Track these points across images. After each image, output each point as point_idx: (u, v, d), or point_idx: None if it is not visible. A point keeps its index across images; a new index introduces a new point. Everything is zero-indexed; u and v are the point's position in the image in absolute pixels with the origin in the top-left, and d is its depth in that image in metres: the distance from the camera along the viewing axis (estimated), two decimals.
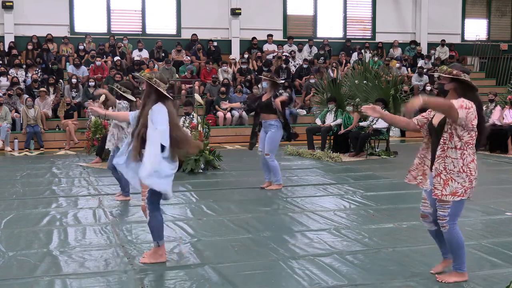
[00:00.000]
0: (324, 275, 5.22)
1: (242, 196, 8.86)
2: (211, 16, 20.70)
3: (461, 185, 4.78)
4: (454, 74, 4.87)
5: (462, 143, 4.77)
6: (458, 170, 4.77)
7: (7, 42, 18.69)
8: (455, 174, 4.78)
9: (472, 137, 4.80)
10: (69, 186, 9.80)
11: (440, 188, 4.82)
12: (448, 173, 4.80)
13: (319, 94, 15.20)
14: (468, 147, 4.79)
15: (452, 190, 4.79)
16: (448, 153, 4.80)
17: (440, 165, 4.83)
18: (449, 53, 22.52)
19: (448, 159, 4.80)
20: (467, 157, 4.78)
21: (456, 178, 4.78)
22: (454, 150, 4.78)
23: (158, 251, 5.61)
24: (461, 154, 4.78)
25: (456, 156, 4.78)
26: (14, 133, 15.45)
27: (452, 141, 4.79)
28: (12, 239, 6.44)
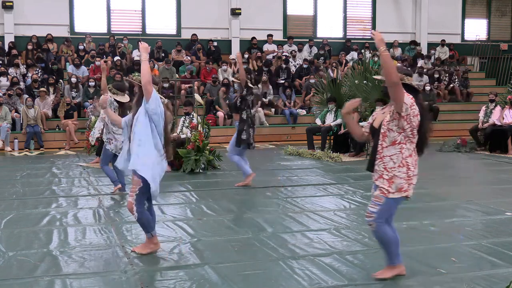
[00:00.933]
0: (324, 275, 5.23)
1: (242, 196, 8.86)
2: (211, 16, 20.70)
3: (404, 179, 4.82)
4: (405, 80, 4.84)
5: (402, 137, 4.79)
6: (398, 165, 4.80)
7: (7, 42, 18.68)
8: (396, 170, 4.81)
9: (413, 134, 4.81)
10: (69, 186, 9.81)
11: (386, 187, 4.84)
12: (389, 171, 4.82)
13: (319, 94, 15.20)
14: (408, 141, 4.81)
15: (398, 186, 4.83)
16: (385, 152, 4.83)
17: (379, 167, 4.86)
18: (449, 53, 22.52)
19: (386, 158, 4.82)
20: (405, 151, 4.81)
21: (398, 174, 4.81)
22: (391, 147, 4.80)
23: (152, 241, 5.84)
24: (400, 148, 4.80)
25: (394, 152, 4.80)
26: (14, 133, 15.45)
27: (388, 138, 4.81)
28: (12, 239, 6.44)
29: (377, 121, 4.99)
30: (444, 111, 19.50)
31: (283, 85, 18.75)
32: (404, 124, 4.75)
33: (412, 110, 4.72)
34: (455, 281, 5.06)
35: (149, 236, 5.85)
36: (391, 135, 4.81)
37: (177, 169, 11.10)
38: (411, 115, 4.72)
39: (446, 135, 17.21)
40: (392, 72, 4.63)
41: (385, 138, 4.83)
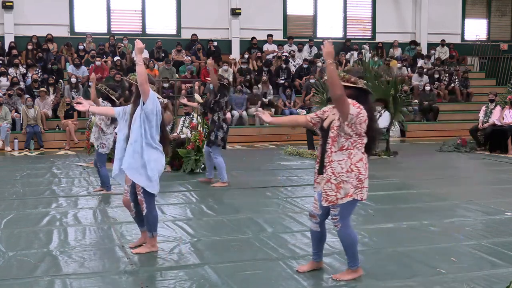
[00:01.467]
0: (324, 275, 5.22)
1: (242, 196, 8.86)
2: (211, 16, 20.69)
3: (351, 185, 4.79)
4: (352, 82, 4.84)
5: (349, 142, 4.78)
6: (346, 170, 4.78)
7: (7, 42, 18.68)
8: (344, 176, 4.78)
9: (361, 138, 4.81)
10: (69, 186, 9.80)
11: (333, 194, 4.81)
12: (337, 176, 4.79)
13: (319, 94, 15.19)
14: (356, 147, 4.80)
15: (346, 192, 4.80)
16: (333, 157, 4.80)
17: (327, 170, 4.82)
18: (449, 53, 22.52)
19: (334, 163, 4.80)
20: (354, 156, 4.80)
21: (347, 179, 4.78)
22: (340, 152, 4.79)
23: (152, 241, 5.87)
24: (348, 154, 4.79)
25: (342, 158, 4.79)
26: (14, 133, 15.45)
27: (337, 143, 4.79)
28: (12, 239, 6.44)
29: (327, 121, 4.95)
30: (444, 111, 19.50)
31: (283, 85, 18.76)
32: (349, 131, 4.76)
33: (359, 118, 4.73)
34: (455, 281, 5.06)
35: (150, 236, 5.87)
36: (340, 141, 4.79)
37: (177, 169, 11.09)
38: (357, 123, 4.74)
39: (446, 135, 17.24)
40: (336, 85, 4.61)
41: (334, 143, 4.80)
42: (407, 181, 10.09)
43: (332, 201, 4.83)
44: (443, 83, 20.67)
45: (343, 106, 4.67)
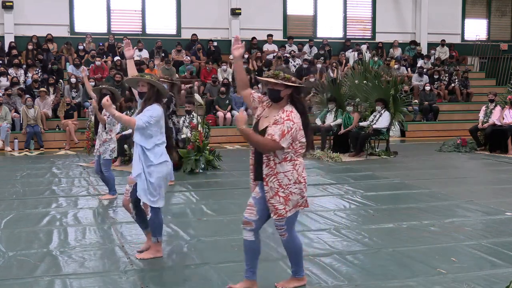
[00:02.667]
0: (324, 275, 5.23)
1: (242, 196, 8.84)
2: (211, 16, 20.70)
3: (300, 195, 4.62)
4: (293, 81, 4.58)
5: (292, 153, 4.56)
6: (294, 181, 4.57)
7: (7, 42, 18.68)
8: (293, 187, 4.57)
9: (302, 146, 4.61)
10: (69, 186, 9.80)
11: (282, 207, 4.58)
12: (285, 189, 4.56)
13: (319, 94, 15.19)
14: (298, 156, 4.61)
15: (294, 203, 4.61)
16: (278, 169, 4.55)
17: (274, 184, 4.56)
18: (449, 53, 22.52)
19: (280, 175, 4.55)
20: (299, 166, 4.60)
21: (295, 191, 4.58)
22: (284, 163, 4.54)
23: (156, 246, 5.72)
24: (293, 165, 4.57)
25: (288, 169, 4.55)
26: (14, 133, 15.45)
27: (279, 154, 4.53)
28: (12, 239, 6.44)
29: (261, 124, 4.64)
30: (444, 111, 19.50)
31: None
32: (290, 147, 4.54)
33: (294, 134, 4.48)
34: (455, 281, 5.06)
35: (154, 241, 5.73)
36: (280, 152, 4.53)
37: (177, 169, 11.09)
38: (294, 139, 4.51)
39: (446, 135, 17.23)
40: (260, 143, 4.45)
41: (277, 154, 4.54)
42: (407, 181, 10.09)
43: (282, 215, 4.59)
44: (443, 83, 20.68)
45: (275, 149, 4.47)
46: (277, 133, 4.43)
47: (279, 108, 4.59)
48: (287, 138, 4.46)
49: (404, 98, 14.22)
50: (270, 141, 4.44)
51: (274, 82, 4.54)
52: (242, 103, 17.57)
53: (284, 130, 4.44)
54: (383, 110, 13.39)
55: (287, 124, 4.46)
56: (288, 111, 4.53)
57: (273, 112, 4.61)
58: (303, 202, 4.67)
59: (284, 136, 4.44)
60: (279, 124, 4.47)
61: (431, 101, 19.11)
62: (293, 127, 4.48)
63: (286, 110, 4.54)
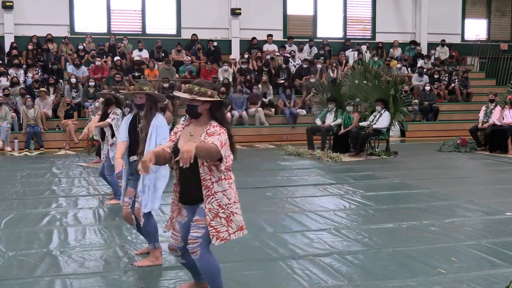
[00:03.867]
0: (324, 275, 5.23)
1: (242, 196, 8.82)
2: (211, 16, 20.70)
3: (241, 215, 4.36)
4: (209, 96, 4.29)
5: (224, 172, 4.26)
6: (234, 200, 4.31)
7: (8, 42, 18.67)
8: (233, 207, 4.30)
9: (232, 159, 4.34)
10: (69, 186, 9.80)
11: (224, 229, 4.26)
12: (225, 209, 4.27)
13: (319, 94, 15.20)
14: (230, 172, 4.34)
15: (239, 224, 4.33)
16: (215, 188, 4.25)
17: (213, 205, 4.24)
18: (449, 53, 22.52)
19: (218, 194, 4.25)
20: (233, 183, 4.35)
21: (236, 210, 4.31)
22: (221, 182, 4.26)
23: (154, 253, 5.62)
24: (229, 183, 4.30)
25: (225, 188, 4.27)
26: (14, 133, 15.45)
27: (215, 173, 4.24)
28: (12, 239, 6.44)
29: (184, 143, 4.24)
30: (444, 111, 19.51)
31: (283, 85, 18.76)
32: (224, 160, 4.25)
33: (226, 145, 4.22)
34: (455, 281, 5.06)
35: (151, 247, 5.62)
36: (215, 170, 4.24)
37: None
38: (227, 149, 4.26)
39: (446, 135, 17.22)
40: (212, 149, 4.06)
41: (213, 173, 4.24)
42: (407, 181, 10.09)
43: (225, 238, 4.25)
44: (443, 83, 20.68)
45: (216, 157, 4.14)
46: (217, 143, 4.12)
47: (204, 124, 4.32)
48: (225, 149, 4.19)
49: (404, 98, 14.23)
50: (215, 147, 4.10)
51: (189, 98, 4.27)
52: (242, 103, 17.59)
53: (222, 141, 4.16)
54: (383, 110, 13.40)
55: (223, 136, 4.20)
56: (216, 125, 4.27)
57: (198, 129, 4.33)
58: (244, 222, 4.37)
59: (223, 147, 4.15)
60: (216, 135, 4.17)
61: (431, 101, 19.11)
62: (227, 141, 4.23)
63: (213, 125, 4.27)
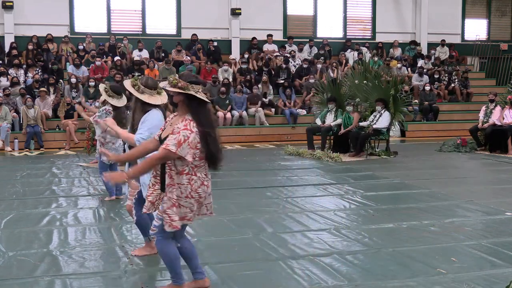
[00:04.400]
0: (324, 275, 5.23)
1: (242, 196, 8.86)
2: (211, 16, 20.70)
3: (189, 209, 4.46)
4: (179, 87, 4.38)
5: (190, 168, 4.40)
6: (186, 195, 4.42)
7: (8, 42, 18.67)
8: (183, 200, 4.42)
9: (201, 159, 4.42)
10: (69, 186, 9.80)
11: (177, 218, 4.46)
12: (176, 200, 4.42)
13: (319, 94, 15.20)
14: (198, 170, 4.44)
15: (182, 215, 4.46)
16: (176, 179, 4.41)
17: (172, 194, 4.42)
18: (449, 53, 22.53)
19: (176, 186, 4.41)
20: (195, 182, 4.43)
21: (185, 204, 4.43)
22: (180, 176, 4.40)
23: (150, 244, 5.77)
24: (189, 180, 4.41)
25: (183, 182, 4.40)
26: (14, 133, 15.45)
27: (175, 166, 4.40)
28: (12, 239, 6.44)
29: (164, 133, 4.55)
30: (444, 111, 19.51)
31: (283, 85, 18.76)
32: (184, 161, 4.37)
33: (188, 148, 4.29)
34: (455, 281, 5.06)
35: (147, 240, 5.82)
36: (179, 164, 4.39)
37: None
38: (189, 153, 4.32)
39: (446, 135, 17.23)
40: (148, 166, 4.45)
41: (176, 165, 4.41)
42: (407, 181, 10.09)
43: (176, 227, 4.45)
44: (443, 83, 20.68)
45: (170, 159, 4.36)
46: (172, 143, 4.27)
47: (181, 115, 4.46)
48: (184, 147, 4.28)
49: (404, 98, 14.23)
50: (162, 150, 4.31)
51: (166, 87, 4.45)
52: (242, 103, 17.60)
53: (180, 139, 4.28)
54: (383, 110, 13.40)
55: (182, 133, 4.29)
56: (188, 120, 4.38)
57: (177, 120, 4.49)
58: (191, 216, 4.50)
59: (181, 146, 4.27)
60: (175, 133, 4.31)
61: (431, 101, 19.12)
62: (190, 136, 4.31)
63: (186, 119, 4.39)
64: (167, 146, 4.30)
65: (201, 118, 4.40)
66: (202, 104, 4.44)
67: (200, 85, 4.46)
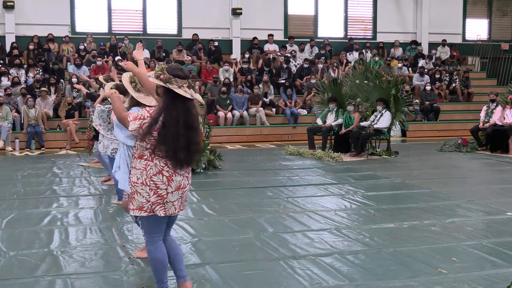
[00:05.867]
0: (325, 275, 5.23)
1: (243, 196, 8.86)
2: (212, 16, 20.71)
3: (145, 199, 4.28)
4: (160, 79, 4.24)
5: (148, 153, 4.27)
6: (141, 182, 4.28)
7: (8, 42, 18.68)
8: (139, 187, 4.29)
9: (159, 149, 4.24)
10: (70, 186, 9.81)
11: (131, 203, 4.38)
12: (132, 185, 4.35)
13: (320, 94, 15.20)
14: (155, 158, 4.26)
15: (138, 205, 4.31)
16: (135, 164, 4.36)
17: (132, 177, 4.36)
18: (450, 53, 22.52)
19: (133, 170, 4.35)
20: (151, 169, 4.25)
21: (141, 192, 4.28)
22: (139, 160, 4.31)
23: None
24: (145, 165, 4.27)
25: (139, 167, 4.30)
26: (15, 133, 15.46)
27: (137, 150, 4.35)
28: (13, 238, 6.45)
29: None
30: (445, 111, 19.50)
31: (284, 85, 18.76)
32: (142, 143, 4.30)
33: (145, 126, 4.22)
34: (456, 281, 5.06)
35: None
36: (140, 147, 4.33)
37: None
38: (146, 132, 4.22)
39: (447, 135, 17.23)
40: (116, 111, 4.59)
41: (137, 148, 4.37)
42: (408, 181, 10.09)
43: (130, 209, 4.40)
44: (444, 83, 20.68)
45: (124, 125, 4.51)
46: (132, 115, 4.36)
47: None
48: (136, 123, 4.26)
49: (405, 98, 14.24)
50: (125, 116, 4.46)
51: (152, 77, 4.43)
52: (242, 103, 17.60)
53: (138, 115, 4.31)
54: (384, 110, 13.39)
55: (141, 112, 4.33)
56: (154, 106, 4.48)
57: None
58: (148, 207, 4.29)
59: (135, 120, 4.29)
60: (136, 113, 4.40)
61: (432, 101, 19.11)
62: (146, 116, 4.26)
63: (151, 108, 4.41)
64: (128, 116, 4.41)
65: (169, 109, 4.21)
66: (180, 99, 4.24)
67: (185, 80, 4.28)
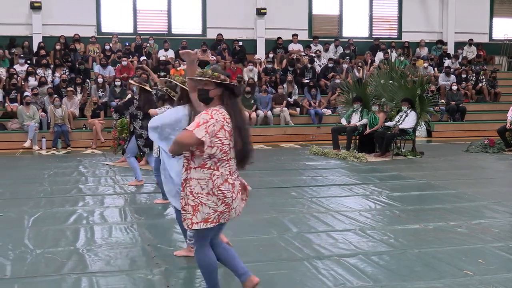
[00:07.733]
0: (349, 275, 5.21)
1: (267, 196, 8.85)
2: (236, 16, 20.74)
3: (213, 210, 4.15)
4: (222, 79, 4.21)
5: (212, 162, 4.13)
6: (207, 192, 4.13)
7: (36, 42, 18.92)
8: (204, 198, 4.13)
9: (226, 152, 4.16)
10: (96, 185, 9.89)
11: (189, 217, 4.17)
12: (195, 197, 4.15)
13: (345, 93, 15.14)
14: (220, 167, 4.15)
15: (203, 217, 4.16)
16: (192, 174, 4.16)
17: (187, 190, 4.18)
18: (476, 52, 22.27)
19: (193, 181, 4.15)
20: (218, 178, 4.13)
21: (206, 202, 4.13)
22: (199, 169, 4.13)
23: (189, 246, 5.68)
24: (211, 175, 4.13)
25: (203, 177, 4.13)
26: (42, 132, 15.65)
27: (196, 158, 4.15)
28: (39, 237, 6.52)
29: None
30: (472, 111, 19.30)
31: (308, 85, 18.73)
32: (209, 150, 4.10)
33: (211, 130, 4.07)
34: (482, 283, 5.01)
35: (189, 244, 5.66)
36: (198, 156, 4.14)
37: None
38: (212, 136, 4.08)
39: (473, 135, 17.04)
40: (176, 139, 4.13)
41: (194, 158, 4.16)
42: (433, 182, 10.00)
43: (188, 225, 4.20)
44: (470, 83, 20.46)
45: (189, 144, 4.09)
46: (192, 126, 4.08)
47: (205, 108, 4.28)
48: (201, 129, 4.03)
49: (431, 98, 14.12)
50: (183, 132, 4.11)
51: (200, 79, 4.22)
52: (267, 103, 17.60)
53: (199, 121, 4.07)
54: (409, 110, 13.30)
55: (202, 116, 4.10)
56: (211, 109, 4.18)
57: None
58: (215, 218, 4.17)
59: (198, 127, 4.04)
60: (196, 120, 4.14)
61: (458, 101, 18.93)
62: (210, 120, 4.07)
63: (210, 109, 4.19)
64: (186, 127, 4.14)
65: (234, 109, 4.23)
66: (234, 96, 4.28)
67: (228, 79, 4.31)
